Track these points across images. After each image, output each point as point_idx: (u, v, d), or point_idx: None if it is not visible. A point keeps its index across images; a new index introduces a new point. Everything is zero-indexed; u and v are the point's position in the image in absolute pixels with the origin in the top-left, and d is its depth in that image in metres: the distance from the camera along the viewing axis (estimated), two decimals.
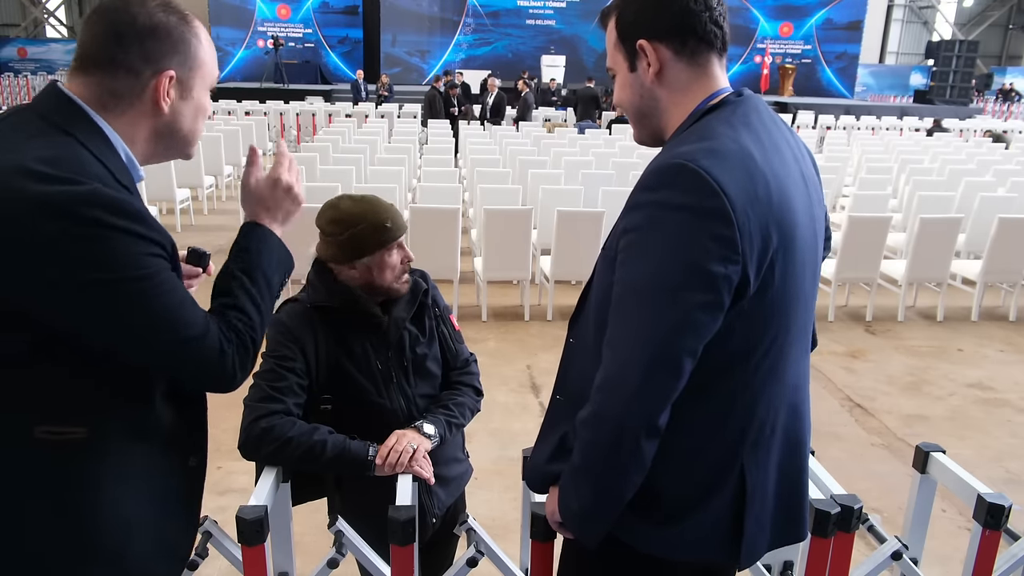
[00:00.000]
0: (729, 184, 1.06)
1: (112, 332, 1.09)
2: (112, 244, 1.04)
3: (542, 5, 22.27)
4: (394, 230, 1.74)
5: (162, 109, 1.16)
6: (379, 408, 1.74)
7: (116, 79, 1.13)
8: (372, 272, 1.73)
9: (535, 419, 3.98)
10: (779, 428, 1.22)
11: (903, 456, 3.67)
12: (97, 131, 1.12)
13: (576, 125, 12.71)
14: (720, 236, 1.05)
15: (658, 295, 1.08)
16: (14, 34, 25.13)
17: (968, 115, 19.60)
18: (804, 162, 1.25)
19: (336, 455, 1.60)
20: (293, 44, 21.34)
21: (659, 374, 1.08)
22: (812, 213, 1.21)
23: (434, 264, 5.45)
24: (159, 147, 1.22)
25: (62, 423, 1.12)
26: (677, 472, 1.18)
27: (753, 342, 1.15)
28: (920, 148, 10.97)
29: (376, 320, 1.75)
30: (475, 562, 1.63)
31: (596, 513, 1.19)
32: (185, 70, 1.17)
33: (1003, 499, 1.48)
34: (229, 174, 9.59)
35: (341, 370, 1.72)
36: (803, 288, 1.19)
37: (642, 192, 1.12)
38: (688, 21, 1.17)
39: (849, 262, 5.58)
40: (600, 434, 1.13)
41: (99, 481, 1.15)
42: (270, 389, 1.63)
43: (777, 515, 1.25)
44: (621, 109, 1.30)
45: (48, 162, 1.03)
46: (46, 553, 1.14)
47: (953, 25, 29.90)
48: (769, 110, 1.23)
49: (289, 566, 1.62)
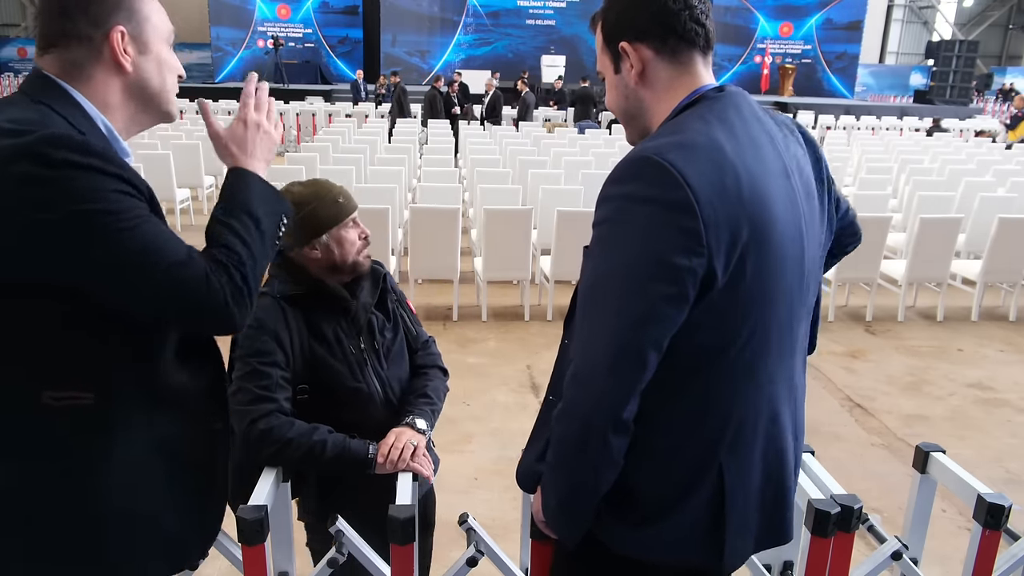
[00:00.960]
0: (694, 177, 1.06)
1: (91, 270, 1.09)
2: (79, 181, 1.06)
3: (542, 5, 22.27)
4: (346, 205, 1.78)
5: (123, 66, 1.19)
6: (356, 392, 1.75)
7: (71, 49, 1.16)
8: (333, 251, 1.75)
9: (535, 419, 3.98)
10: (761, 429, 1.20)
11: (903, 456, 3.67)
12: (72, 101, 1.15)
13: (576, 125, 12.71)
14: (684, 228, 1.05)
15: (622, 287, 1.09)
16: (14, 34, 25.12)
17: (968, 115, 19.60)
18: (792, 157, 1.23)
19: (336, 455, 1.61)
20: (293, 44, 21.33)
21: (623, 366, 1.08)
22: (797, 209, 1.19)
23: (434, 264, 5.47)
24: (135, 109, 1.23)
25: (68, 387, 1.13)
26: (653, 472, 1.18)
27: (726, 338, 1.14)
28: (920, 148, 10.97)
29: (345, 304, 1.76)
30: (475, 562, 1.63)
31: (570, 509, 1.20)
32: (134, 25, 1.19)
33: (1003, 499, 1.47)
34: None
35: (316, 358, 1.72)
36: (784, 285, 1.17)
37: (610, 185, 1.13)
38: (667, 20, 1.18)
39: (849, 262, 5.52)
40: (568, 429, 1.15)
41: (109, 447, 1.16)
42: (257, 390, 1.61)
43: (761, 518, 1.23)
44: (612, 111, 1.31)
45: (16, 121, 1.07)
46: (52, 517, 1.15)
47: (953, 25, 29.90)
48: (753, 106, 1.22)
49: (289, 566, 1.62)
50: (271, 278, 1.78)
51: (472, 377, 4.50)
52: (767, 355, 1.18)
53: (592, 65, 15.49)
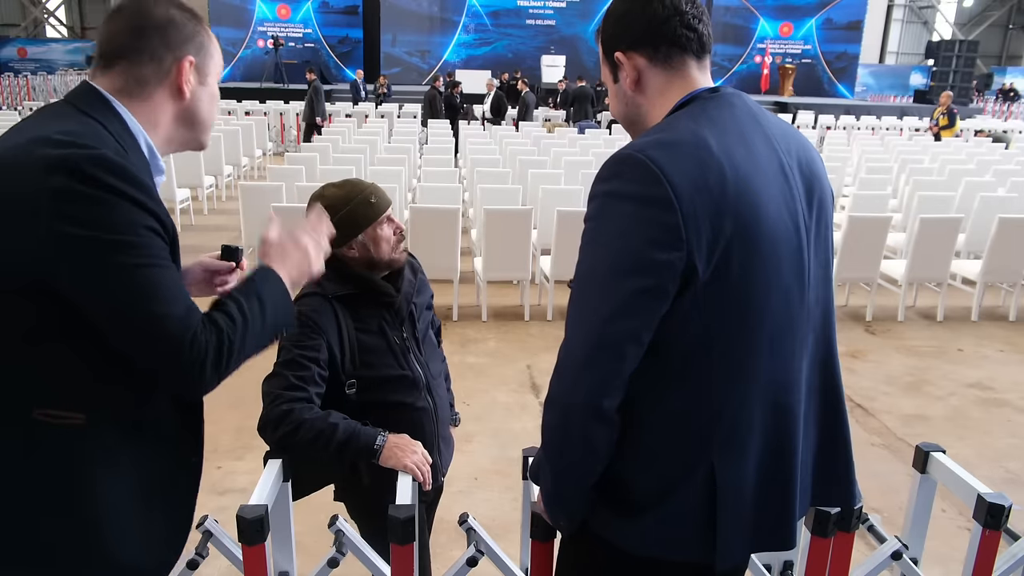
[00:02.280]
0: (674, 172, 1.08)
1: (94, 294, 1.09)
2: (111, 206, 1.08)
3: (542, 5, 22.28)
4: (379, 203, 1.84)
5: (184, 93, 1.24)
6: (402, 380, 1.83)
7: (141, 66, 1.21)
8: (370, 249, 1.82)
9: (535, 419, 3.98)
10: (758, 429, 1.20)
11: (903, 456, 3.67)
12: (118, 118, 1.19)
13: (576, 125, 12.72)
14: (662, 223, 1.08)
15: (602, 281, 1.12)
16: (14, 34, 25.14)
17: (968, 115, 19.59)
18: (791, 159, 1.22)
19: (346, 439, 1.64)
20: (293, 44, 21.34)
21: (600, 358, 1.12)
22: (792, 208, 1.19)
23: (434, 264, 5.46)
24: (179, 132, 1.28)
25: (61, 407, 1.13)
26: (642, 467, 1.19)
27: (712, 334, 1.14)
28: (920, 148, 10.97)
29: (389, 298, 1.84)
30: (475, 562, 1.63)
31: (558, 495, 1.24)
32: (202, 57, 1.26)
33: (1003, 499, 1.48)
34: (229, 174, 9.60)
35: (365, 349, 1.80)
36: (778, 282, 1.17)
37: (596, 183, 1.16)
38: (658, 28, 1.21)
39: (849, 262, 5.58)
40: (552, 416, 1.19)
41: (93, 467, 1.16)
42: (293, 378, 1.68)
43: (759, 519, 1.22)
44: (616, 118, 1.35)
45: (68, 133, 1.10)
46: (32, 532, 1.15)
47: (953, 25, 29.91)
48: (749, 106, 1.23)
49: (289, 566, 1.62)
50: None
51: (472, 377, 4.50)
52: (759, 354, 1.18)
53: (592, 65, 15.58)
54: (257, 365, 1.74)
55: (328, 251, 1.43)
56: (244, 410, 2.11)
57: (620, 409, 1.15)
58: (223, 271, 1.46)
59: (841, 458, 1.33)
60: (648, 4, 1.21)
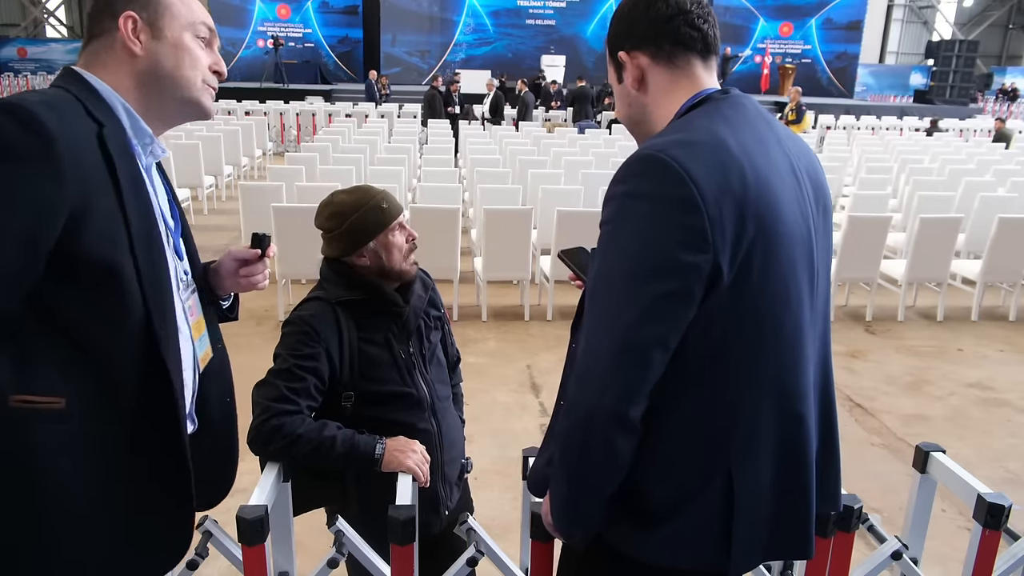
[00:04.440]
0: (699, 173, 1.05)
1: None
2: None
3: (542, 5, 22.28)
4: (391, 210, 1.78)
5: (133, 51, 1.25)
6: (405, 396, 1.76)
7: (100, 37, 1.26)
8: (381, 256, 1.76)
9: (535, 419, 3.99)
10: (775, 437, 1.18)
11: (903, 456, 3.67)
12: (90, 88, 1.22)
13: (575, 125, 12.71)
14: (689, 225, 1.04)
15: (626, 284, 1.08)
16: (14, 34, 25.10)
17: (968, 115, 19.58)
18: (799, 160, 1.22)
19: (346, 451, 1.61)
20: (293, 44, 21.33)
21: (626, 364, 1.07)
22: (805, 211, 1.18)
23: (434, 264, 5.44)
24: (150, 94, 1.27)
25: (39, 392, 1.13)
26: (659, 477, 1.16)
27: (729, 339, 1.12)
28: (920, 148, 10.97)
29: (397, 308, 1.77)
30: (475, 562, 1.63)
31: (574, 508, 1.19)
32: (149, 13, 1.25)
33: (1003, 499, 1.47)
34: (229, 174, 9.59)
35: (368, 361, 1.72)
36: (794, 288, 1.15)
37: (614, 184, 1.13)
38: (662, 27, 1.19)
39: (849, 262, 5.58)
40: (572, 425, 1.14)
41: (72, 454, 1.16)
42: (286, 390, 1.61)
43: (776, 528, 1.20)
44: (621, 121, 1.33)
45: (29, 94, 1.14)
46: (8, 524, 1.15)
47: (953, 25, 29.90)
48: (758, 107, 1.22)
49: (289, 566, 1.62)
50: (323, 282, 1.78)
51: (472, 377, 4.49)
52: (778, 359, 1.16)
53: (592, 65, 15.53)
54: (257, 367, 1.74)
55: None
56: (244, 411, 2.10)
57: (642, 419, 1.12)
58: (251, 259, 1.49)
59: (831, 468, 1.30)
60: (652, 3, 1.19)
